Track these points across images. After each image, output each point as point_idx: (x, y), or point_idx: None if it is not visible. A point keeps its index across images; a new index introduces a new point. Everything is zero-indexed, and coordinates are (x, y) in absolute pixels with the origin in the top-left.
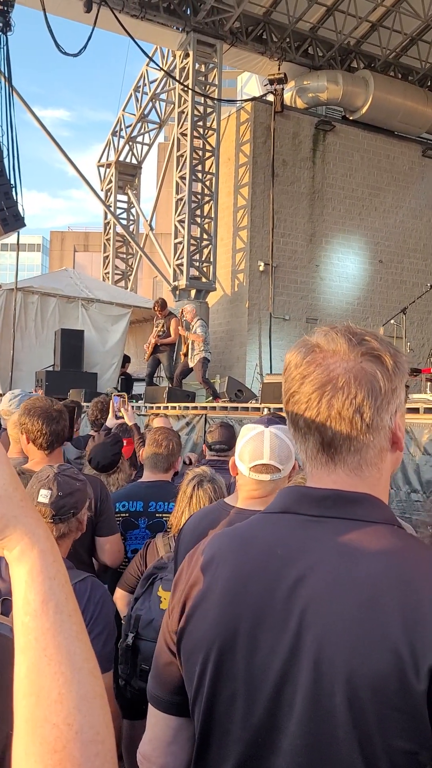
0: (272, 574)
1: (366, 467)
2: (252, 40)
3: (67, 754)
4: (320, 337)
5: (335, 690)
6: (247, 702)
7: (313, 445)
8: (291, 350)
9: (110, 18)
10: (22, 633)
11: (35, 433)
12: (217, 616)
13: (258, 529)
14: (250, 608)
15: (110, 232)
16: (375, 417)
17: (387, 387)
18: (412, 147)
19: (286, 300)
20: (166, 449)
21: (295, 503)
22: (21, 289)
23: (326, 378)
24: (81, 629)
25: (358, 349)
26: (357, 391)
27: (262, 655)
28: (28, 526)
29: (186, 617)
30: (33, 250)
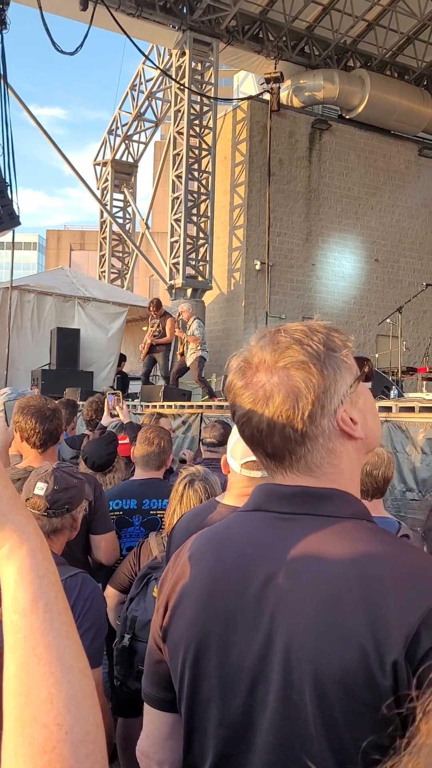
0: (244, 574)
1: (317, 468)
2: (248, 39)
3: (57, 754)
4: (249, 352)
5: (304, 687)
6: (222, 700)
7: (261, 456)
8: (230, 362)
9: (106, 16)
10: (11, 632)
11: (29, 432)
12: (193, 616)
13: (233, 527)
14: (224, 608)
15: (106, 230)
16: (308, 426)
17: (315, 395)
18: (408, 146)
19: (282, 299)
20: (157, 447)
21: (266, 501)
22: (17, 288)
23: (255, 396)
24: (71, 628)
25: (279, 360)
26: (283, 406)
27: (235, 653)
28: (18, 524)
29: (168, 616)
30: (29, 249)
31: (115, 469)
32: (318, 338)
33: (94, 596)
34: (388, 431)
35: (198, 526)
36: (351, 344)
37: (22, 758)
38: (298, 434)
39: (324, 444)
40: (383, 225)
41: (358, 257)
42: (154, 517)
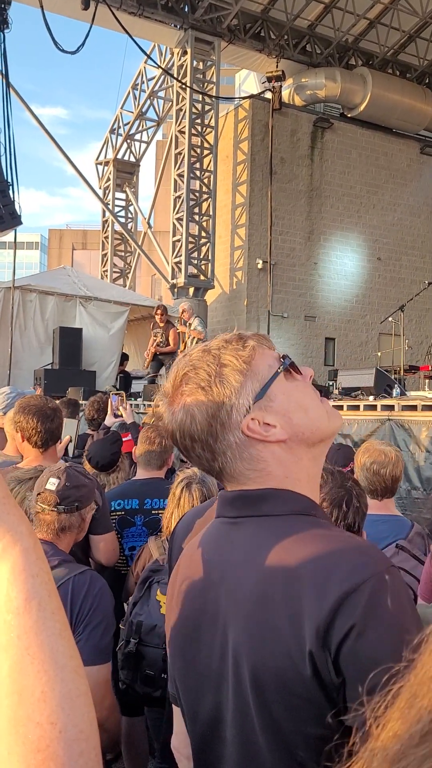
0: (205, 579)
1: (240, 476)
2: (250, 38)
3: (50, 753)
4: (162, 387)
5: (247, 683)
6: (198, 698)
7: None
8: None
9: (108, 15)
10: (4, 631)
11: (29, 431)
12: (174, 621)
13: (203, 535)
14: (193, 612)
15: (108, 230)
16: (213, 443)
17: (210, 412)
18: (410, 144)
19: (285, 298)
20: (159, 446)
21: (220, 507)
22: (19, 288)
23: (169, 422)
24: (64, 627)
25: (178, 390)
26: (189, 428)
27: (203, 655)
28: (10, 524)
29: (166, 622)
30: (31, 248)
31: (118, 469)
32: (208, 360)
33: (102, 593)
34: (391, 429)
35: (199, 527)
36: (248, 352)
37: (16, 757)
38: (206, 452)
39: (237, 455)
40: (385, 223)
41: (360, 256)
42: (155, 517)
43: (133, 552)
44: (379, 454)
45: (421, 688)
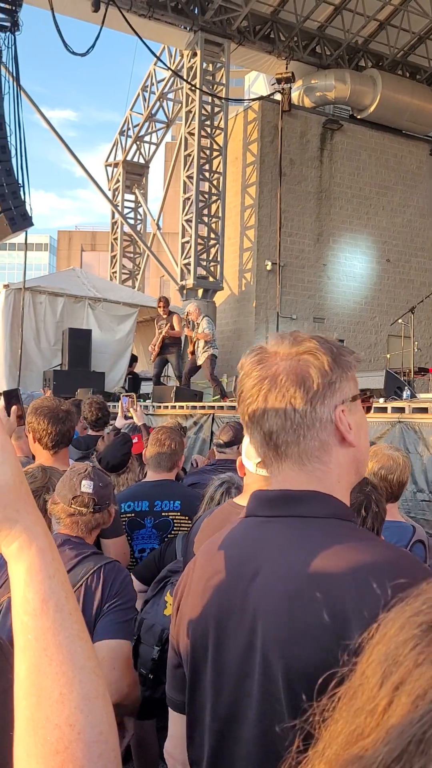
0: (231, 576)
1: (308, 460)
2: (260, 39)
3: (69, 754)
4: (266, 342)
5: (279, 680)
6: (216, 694)
7: (259, 439)
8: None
9: (118, 17)
10: (22, 632)
11: (41, 432)
12: (192, 619)
13: (230, 533)
14: (216, 609)
15: (117, 231)
16: (308, 409)
17: (321, 381)
18: (419, 146)
19: (294, 299)
20: (168, 448)
21: (254, 506)
22: (29, 289)
23: (263, 375)
24: (82, 627)
25: (295, 348)
26: (289, 386)
27: (227, 650)
28: (27, 523)
29: (178, 620)
30: (40, 250)
31: (128, 470)
32: (333, 342)
33: (128, 580)
34: (401, 432)
35: (216, 528)
36: (358, 362)
37: (35, 759)
38: (297, 415)
39: (318, 434)
40: (394, 225)
41: (370, 257)
42: (166, 519)
43: (143, 554)
44: (388, 459)
45: (359, 689)
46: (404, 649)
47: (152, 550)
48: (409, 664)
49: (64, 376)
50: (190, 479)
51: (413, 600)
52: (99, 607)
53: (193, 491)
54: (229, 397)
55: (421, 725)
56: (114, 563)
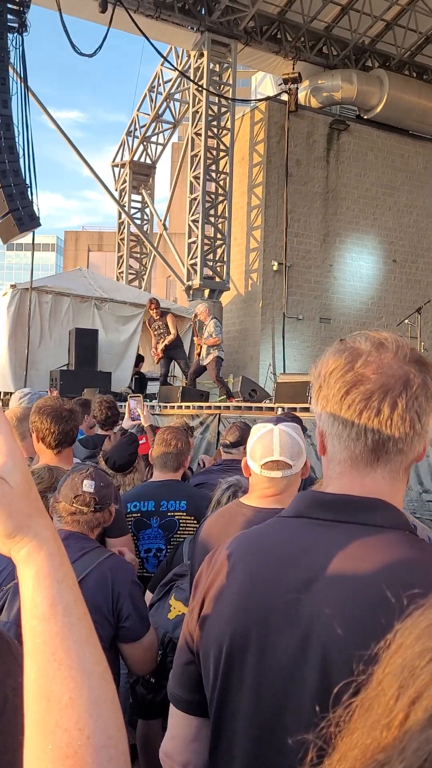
0: (282, 577)
1: (403, 471)
2: (266, 40)
3: (78, 759)
4: (365, 343)
5: (338, 698)
6: (255, 700)
7: (363, 446)
8: (332, 355)
9: (125, 18)
10: (31, 637)
11: (44, 432)
12: (230, 617)
13: (272, 532)
14: (261, 610)
15: (124, 231)
16: (425, 423)
17: (430, 395)
18: (426, 146)
19: (300, 300)
20: (175, 448)
21: (308, 508)
22: (36, 289)
23: (384, 382)
24: (90, 632)
25: (405, 356)
26: (416, 396)
27: (271, 655)
28: (37, 528)
29: (203, 617)
30: (47, 250)
31: (135, 470)
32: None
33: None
34: None
35: (223, 528)
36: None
37: (45, 763)
38: (414, 430)
39: (419, 449)
40: (401, 225)
41: (376, 258)
42: (171, 519)
43: (149, 554)
44: None
45: (375, 701)
46: (421, 661)
47: (158, 550)
48: (425, 677)
49: (70, 376)
50: (197, 479)
51: (430, 609)
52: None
53: (199, 491)
54: (235, 397)
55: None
56: (117, 556)
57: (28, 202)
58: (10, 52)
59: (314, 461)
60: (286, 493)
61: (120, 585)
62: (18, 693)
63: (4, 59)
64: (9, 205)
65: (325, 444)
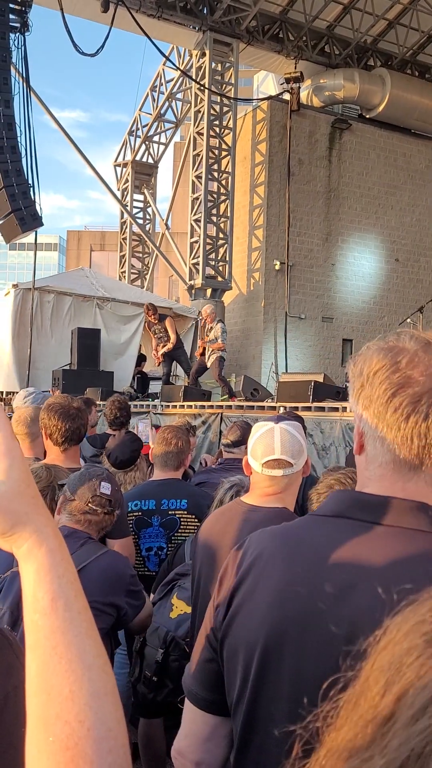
0: (322, 578)
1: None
2: (268, 39)
3: (79, 751)
4: (411, 342)
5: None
6: (292, 705)
7: (408, 450)
8: (376, 354)
9: (127, 18)
10: (32, 631)
11: (51, 429)
12: (264, 617)
13: (308, 530)
14: (298, 611)
15: (126, 231)
16: None
17: None
18: (428, 145)
19: (302, 299)
20: (175, 447)
21: (348, 508)
22: (38, 289)
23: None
24: (91, 626)
25: None
26: None
27: (309, 658)
28: (37, 524)
29: (231, 615)
30: (50, 250)
31: (136, 468)
32: None
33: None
34: None
35: (224, 526)
36: None
37: (45, 755)
38: None
39: None
40: (403, 224)
41: (378, 257)
42: (173, 518)
43: (150, 553)
44: None
45: (361, 696)
46: (408, 657)
47: (159, 549)
48: (411, 675)
49: (72, 376)
50: (198, 478)
51: (420, 606)
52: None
53: (200, 490)
54: (237, 396)
55: (421, 739)
56: (113, 552)
57: (30, 201)
58: (12, 52)
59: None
60: (287, 492)
61: (116, 577)
62: (20, 690)
63: (6, 59)
64: (11, 204)
65: (364, 444)
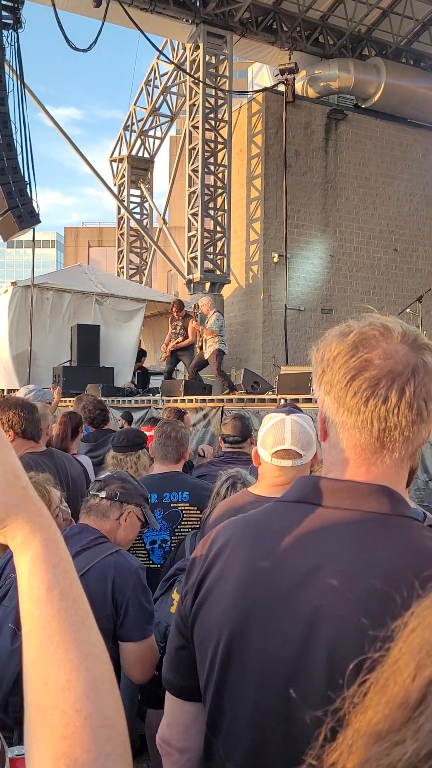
0: (286, 563)
1: (408, 459)
2: (262, 30)
3: (76, 740)
4: (369, 327)
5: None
6: (258, 688)
7: (369, 434)
8: (335, 339)
9: (120, 12)
10: (28, 621)
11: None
12: (230, 604)
13: (272, 517)
14: (263, 597)
15: (124, 226)
16: (431, 410)
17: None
18: (425, 134)
19: (301, 291)
20: (174, 440)
21: (311, 493)
22: (37, 286)
23: (391, 368)
24: (87, 615)
25: (410, 340)
26: (423, 383)
27: (274, 643)
28: (30, 514)
29: (199, 603)
30: (48, 247)
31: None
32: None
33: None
34: None
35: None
36: None
37: (43, 744)
38: (421, 416)
39: (425, 436)
40: (401, 214)
41: (376, 247)
42: (175, 510)
43: (154, 546)
44: None
45: (390, 679)
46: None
47: (162, 542)
48: None
49: (73, 372)
50: (198, 472)
51: None
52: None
53: (201, 482)
54: (238, 390)
55: None
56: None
57: (27, 199)
58: (5, 49)
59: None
60: None
61: (121, 584)
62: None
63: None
64: (8, 202)
65: (327, 430)
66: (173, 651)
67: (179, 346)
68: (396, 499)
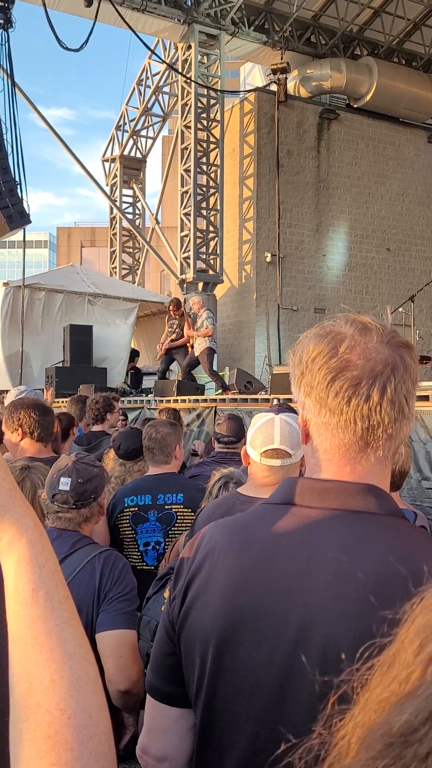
0: (274, 567)
1: (391, 457)
2: (254, 30)
3: (60, 739)
4: (346, 327)
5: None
6: (250, 694)
7: (353, 434)
8: (313, 340)
9: (111, 12)
10: (14, 621)
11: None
12: (218, 609)
13: (259, 520)
14: (252, 601)
15: (116, 226)
16: (412, 407)
17: (417, 377)
18: (417, 133)
19: (294, 290)
20: (157, 441)
21: (298, 495)
22: (29, 286)
23: (372, 367)
24: (72, 615)
25: (388, 339)
26: (403, 380)
27: (264, 648)
28: (16, 516)
29: (186, 608)
30: (40, 247)
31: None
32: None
33: (126, 568)
34: None
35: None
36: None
37: (27, 743)
38: (407, 410)
39: (407, 432)
40: (394, 213)
41: (369, 246)
42: (169, 512)
43: (147, 548)
44: None
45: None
46: None
47: (156, 543)
48: None
49: (66, 373)
50: (192, 472)
51: None
52: (98, 595)
53: (195, 483)
54: (231, 389)
55: None
56: (111, 551)
57: (17, 199)
58: None
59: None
60: None
61: (108, 580)
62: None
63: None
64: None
65: (309, 432)
66: (161, 656)
67: (174, 344)
68: (383, 497)
